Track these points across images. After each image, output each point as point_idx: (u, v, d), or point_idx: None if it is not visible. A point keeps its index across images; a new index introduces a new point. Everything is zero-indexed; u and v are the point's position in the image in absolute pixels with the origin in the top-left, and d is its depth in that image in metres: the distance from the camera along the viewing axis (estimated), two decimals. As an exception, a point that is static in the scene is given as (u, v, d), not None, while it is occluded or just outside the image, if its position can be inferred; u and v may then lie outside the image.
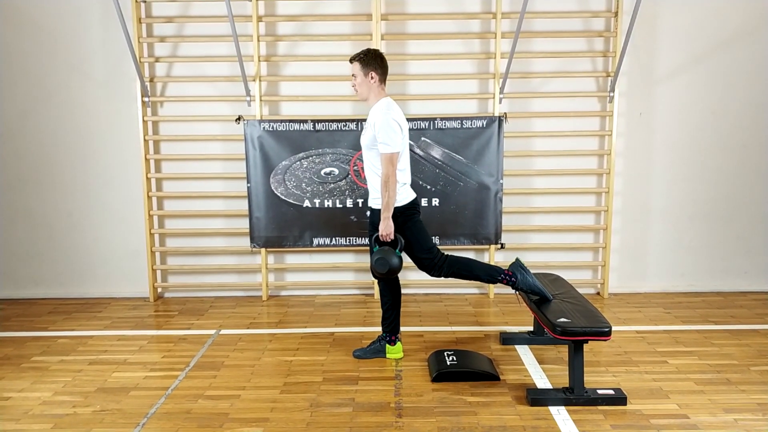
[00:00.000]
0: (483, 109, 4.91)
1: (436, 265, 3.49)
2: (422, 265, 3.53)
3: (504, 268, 3.53)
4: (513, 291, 3.55)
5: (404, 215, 3.46)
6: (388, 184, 3.31)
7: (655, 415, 2.99)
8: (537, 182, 4.98)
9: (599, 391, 3.13)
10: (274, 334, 4.22)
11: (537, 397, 3.10)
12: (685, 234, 5.03)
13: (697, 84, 4.84)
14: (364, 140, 3.47)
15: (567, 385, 3.18)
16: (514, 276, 3.45)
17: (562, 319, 3.08)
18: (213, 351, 3.90)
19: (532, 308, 3.43)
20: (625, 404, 3.08)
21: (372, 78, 3.41)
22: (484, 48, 4.85)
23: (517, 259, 3.54)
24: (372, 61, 3.40)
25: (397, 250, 3.40)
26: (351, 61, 3.46)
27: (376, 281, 4.89)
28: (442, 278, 3.55)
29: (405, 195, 3.47)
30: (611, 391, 3.14)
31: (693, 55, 4.81)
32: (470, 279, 3.56)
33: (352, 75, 3.47)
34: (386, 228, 3.38)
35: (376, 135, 3.33)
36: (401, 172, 3.44)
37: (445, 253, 3.54)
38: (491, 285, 4.98)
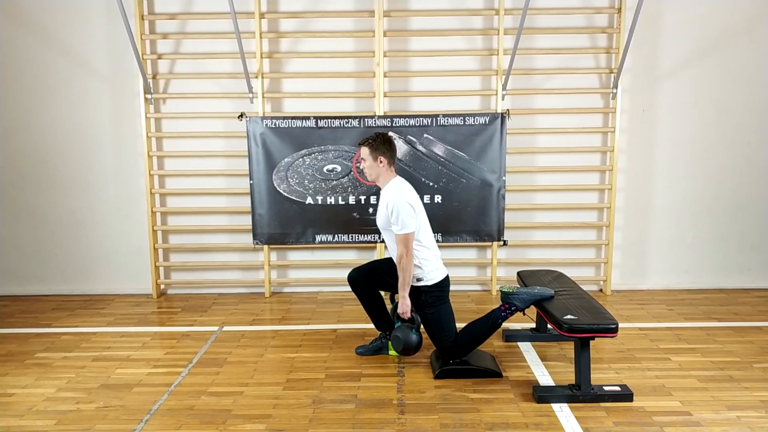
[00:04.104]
0: (485, 105, 4.90)
1: (452, 350, 3.44)
2: (440, 346, 3.48)
3: (497, 306, 3.48)
4: (523, 314, 3.52)
5: (432, 295, 3.44)
6: (402, 264, 3.34)
7: (658, 412, 2.99)
8: (539, 179, 4.98)
9: (606, 388, 3.13)
10: (277, 330, 4.23)
11: (544, 395, 3.10)
12: (687, 231, 5.03)
13: (700, 81, 4.82)
14: (380, 221, 3.50)
15: (570, 382, 3.18)
16: (512, 306, 3.41)
17: (569, 316, 3.08)
18: (216, 348, 3.91)
19: (537, 307, 3.43)
20: (631, 401, 3.08)
21: (381, 162, 3.44)
22: (486, 45, 4.84)
23: (501, 290, 3.47)
24: (381, 146, 3.43)
25: (414, 329, 3.42)
26: (360, 145, 3.50)
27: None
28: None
29: (435, 273, 3.45)
30: (618, 388, 3.14)
31: (696, 51, 4.80)
32: (483, 341, 3.49)
33: (361, 158, 3.50)
34: (403, 306, 3.41)
35: (389, 217, 3.35)
36: (426, 249, 3.44)
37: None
38: (493, 282, 4.98)
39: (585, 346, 3.07)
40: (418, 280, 3.43)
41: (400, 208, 3.31)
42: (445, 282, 3.51)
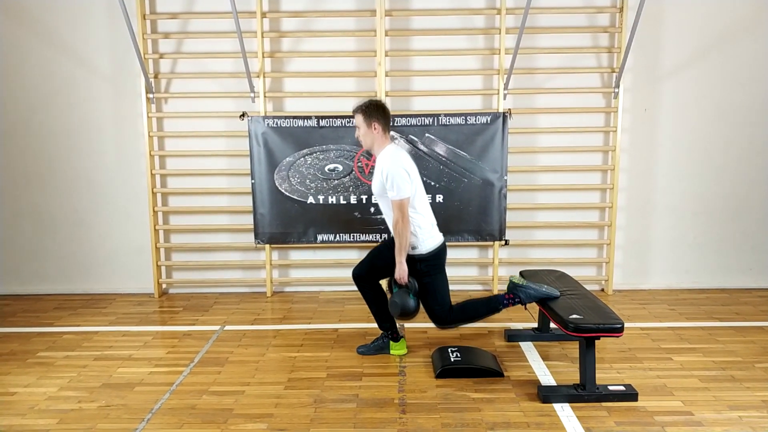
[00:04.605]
0: (487, 105, 4.89)
1: (445, 319, 3.51)
2: (432, 314, 3.53)
3: (502, 293, 3.53)
4: (524, 308, 3.55)
5: (428, 263, 3.45)
6: (398, 229, 3.34)
7: (660, 411, 2.99)
8: (541, 178, 4.97)
9: (610, 388, 3.13)
10: (279, 330, 4.23)
11: (548, 394, 3.10)
12: (689, 230, 5.02)
13: (702, 80, 4.81)
14: (375, 188, 3.49)
15: (573, 382, 3.19)
16: (516, 297, 3.45)
17: (575, 316, 3.07)
18: (217, 347, 3.91)
19: (541, 306, 3.43)
20: (636, 400, 3.08)
21: (375, 128, 3.43)
22: (488, 44, 4.83)
23: (510, 280, 3.52)
24: (374, 112, 3.42)
25: (411, 294, 3.41)
26: (353, 112, 3.49)
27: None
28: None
29: (431, 241, 3.46)
30: (622, 388, 3.14)
31: (698, 50, 4.79)
32: (477, 320, 3.62)
33: (356, 126, 3.50)
34: (399, 272, 3.40)
35: (384, 183, 3.35)
36: (421, 216, 3.44)
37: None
38: (494, 282, 4.98)
39: (590, 345, 3.07)
40: (413, 248, 3.43)
41: (395, 173, 3.30)
42: (441, 250, 3.50)
